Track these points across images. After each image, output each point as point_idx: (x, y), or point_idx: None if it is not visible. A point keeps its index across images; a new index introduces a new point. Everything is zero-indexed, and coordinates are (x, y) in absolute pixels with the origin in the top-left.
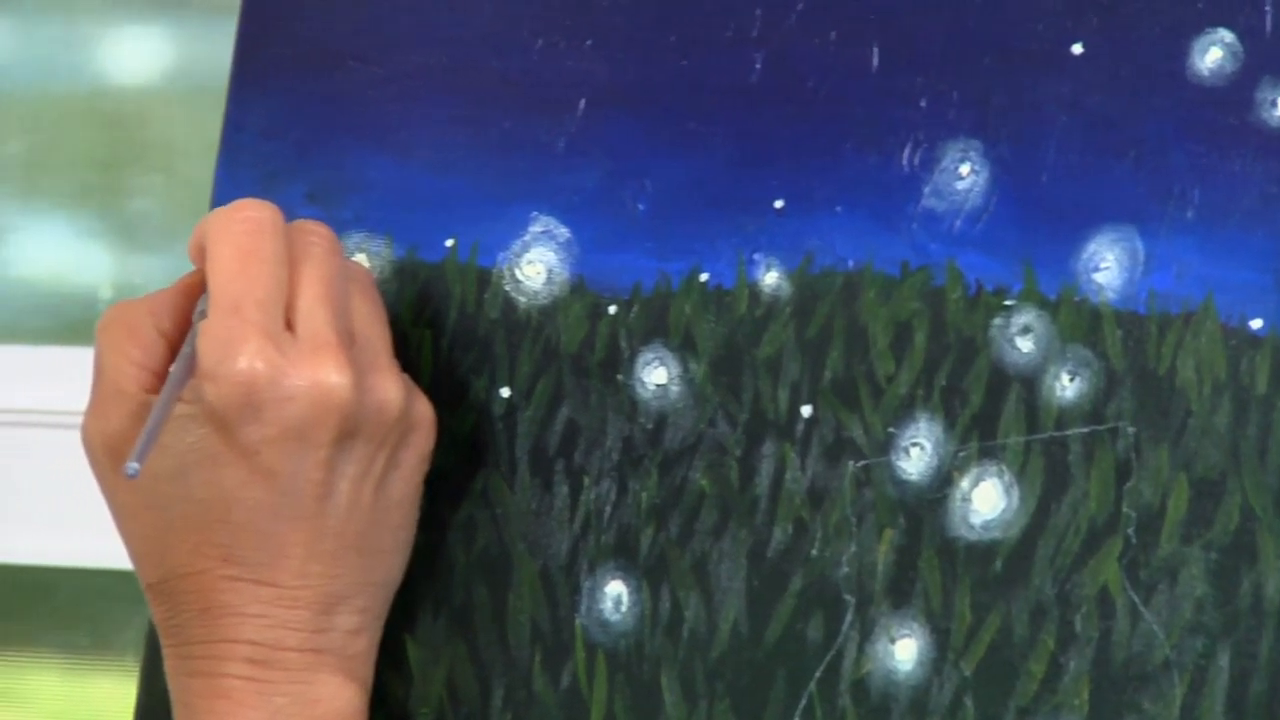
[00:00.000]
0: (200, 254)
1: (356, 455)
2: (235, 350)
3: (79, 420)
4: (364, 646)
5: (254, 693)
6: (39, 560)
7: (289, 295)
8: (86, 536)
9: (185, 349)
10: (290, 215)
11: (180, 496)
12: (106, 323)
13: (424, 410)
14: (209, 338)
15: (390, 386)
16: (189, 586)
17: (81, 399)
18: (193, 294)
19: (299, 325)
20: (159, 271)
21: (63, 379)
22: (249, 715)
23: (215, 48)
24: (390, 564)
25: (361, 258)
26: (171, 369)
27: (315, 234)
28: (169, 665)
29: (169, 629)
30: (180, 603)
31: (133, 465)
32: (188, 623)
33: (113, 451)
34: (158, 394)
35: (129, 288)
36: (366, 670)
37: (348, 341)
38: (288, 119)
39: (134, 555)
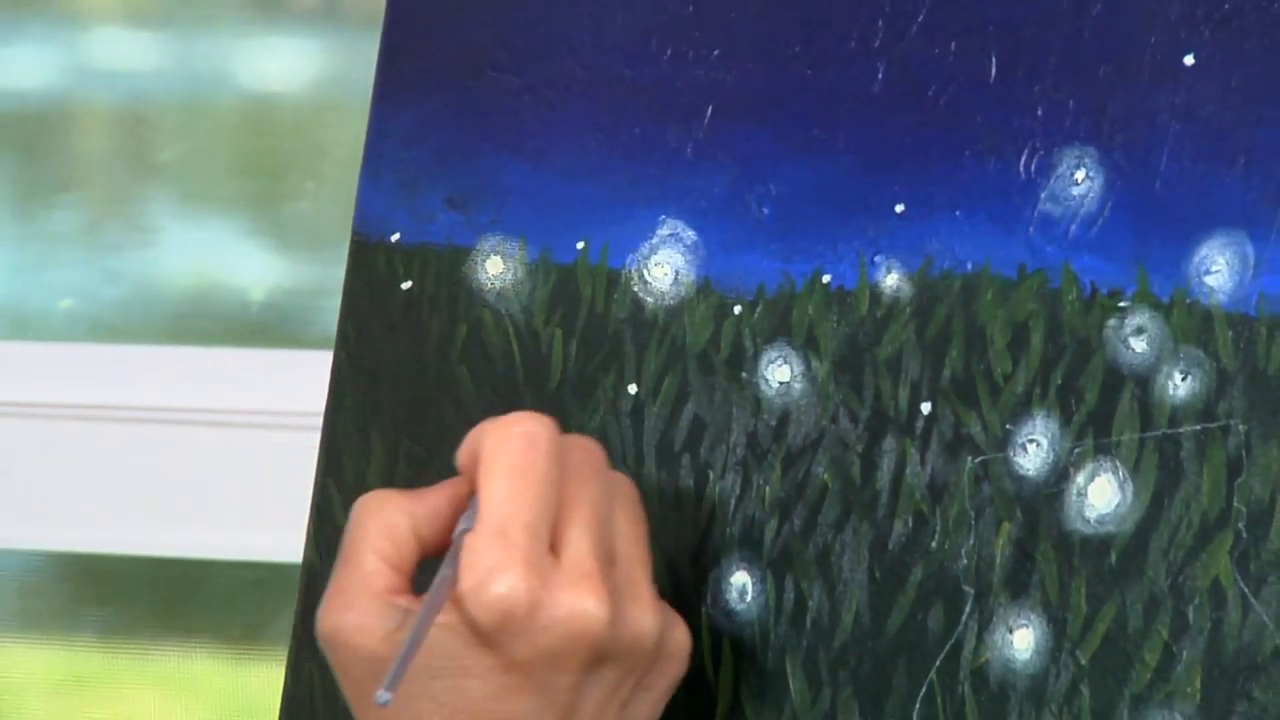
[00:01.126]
0: (472, 462)
1: (606, 680)
2: (497, 575)
3: (231, 419)
4: None
5: None
6: (194, 554)
7: (557, 516)
8: (238, 531)
9: (445, 570)
10: (430, 220)
11: (424, 695)
12: (363, 514)
13: (680, 639)
14: (473, 557)
15: (647, 618)
16: None
17: (235, 399)
18: (457, 505)
19: (564, 551)
20: (307, 274)
21: (215, 380)
22: None
23: (360, 58)
24: None
25: (497, 259)
26: (433, 585)
27: (586, 450)
28: None
29: None
30: None
31: (385, 695)
32: None
33: (350, 650)
34: (399, 595)
35: (279, 289)
36: None
37: (609, 567)
38: (428, 126)
39: None
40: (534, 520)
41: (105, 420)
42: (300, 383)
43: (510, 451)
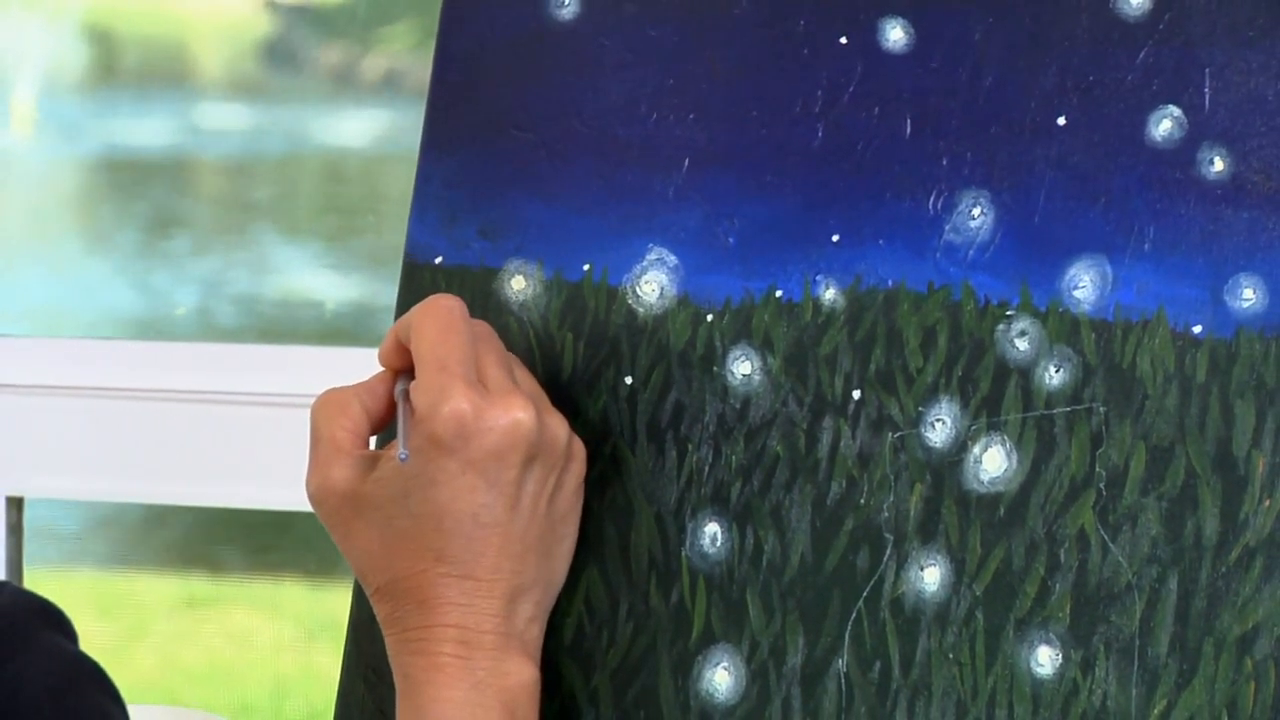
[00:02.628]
0: (393, 354)
1: (536, 475)
2: (446, 396)
3: (311, 402)
4: (537, 633)
5: (461, 667)
6: (281, 506)
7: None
8: None
9: (401, 413)
10: (466, 247)
11: (402, 513)
12: (319, 404)
13: (579, 445)
14: (424, 389)
15: (558, 424)
16: (410, 585)
17: (313, 386)
18: (388, 381)
19: (487, 381)
20: (369, 290)
21: (298, 371)
22: (459, 684)
23: (411, 121)
24: (557, 566)
25: (520, 278)
26: (397, 415)
27: (482, 324)
28: (391, 648)
29: (392, 620)
30: (402, 599)
31: (404, 452)
32: (409, 614)
33: (338, 496)
34: (368, 449)
35: (347, 301)
36: (539, 654)
37: (523, 392)
38: (465, 173)
39: (362, 568)
40: (464, 357)
41: (212, 403)
42: (364, 373)
43: (437, 314)
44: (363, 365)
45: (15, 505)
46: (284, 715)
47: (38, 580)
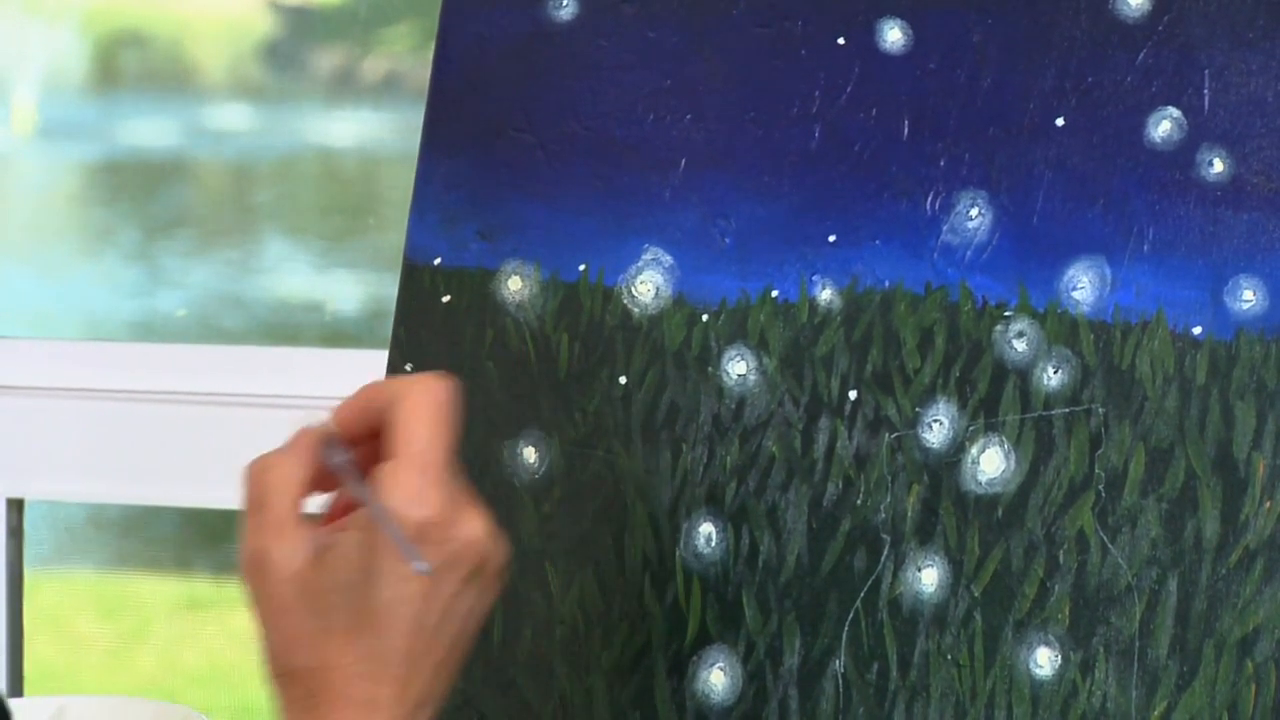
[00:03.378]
0: (355, 419)
1: (473, 591)
2: (422, 501)
3: (310, 404)
4: None
5: None
6: None
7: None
8: None
9: (363, 489)
10: (465, 248)
11: (342, 605)
12: (259, 469)
13: (504, 564)
14: (400, 485)
15: (501, 544)
16: (323, 678)
17: (313, 388)
18: (318, 450)
19: (454, 485)
20: (369, 291)
21: (298, 373)
22: None
23: (411, 123)
24: (449, 682)
25: (517, 279)
26: (367, 499)
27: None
28: None
29: (292, 705)
30: (309, 689)
31: (425, 564)
32: (310, 706)
33: (281, 575)
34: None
35: (348, 302)
36: None
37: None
38: (463, 175)
39: (276, 649)
40: (446, 461)
41: (212, 405)
42: (363, 374)
43: (431, 405)
44: (363, 367)
45: (16, 507)
46: None
47: (38, 582)
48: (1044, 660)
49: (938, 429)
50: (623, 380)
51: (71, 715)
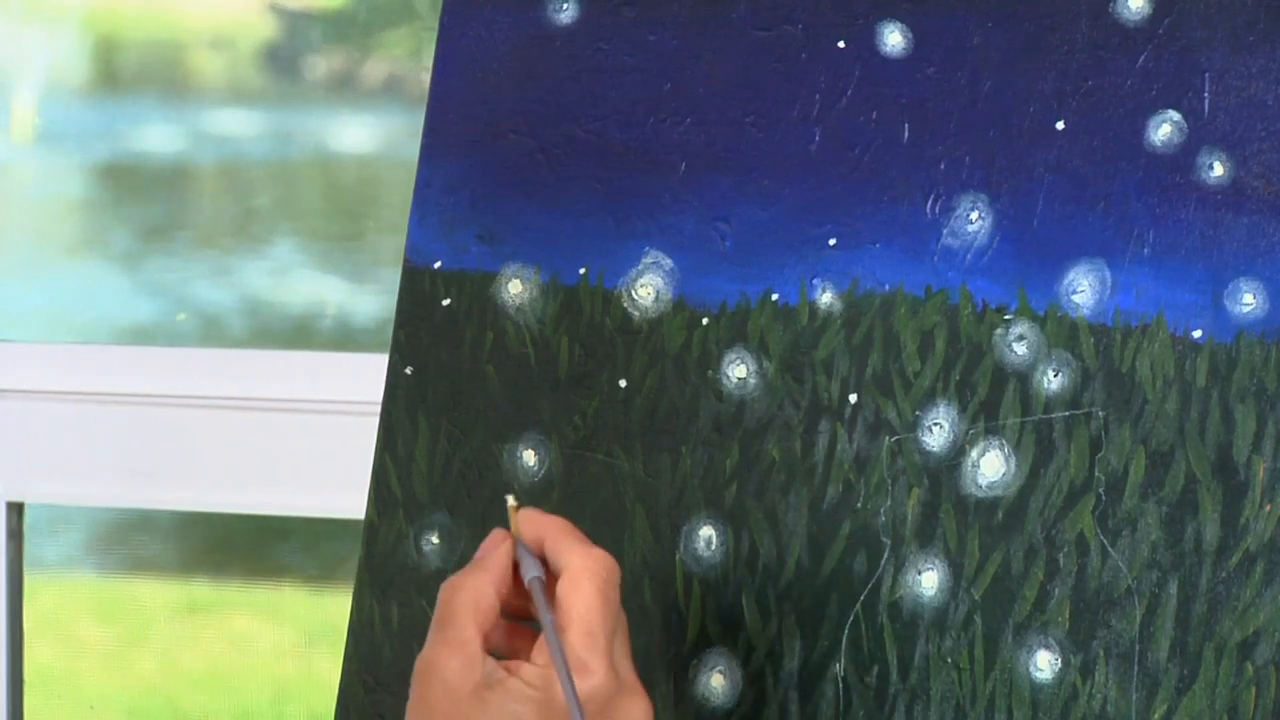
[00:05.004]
0: (543, 537)
1: None
2: (589, 671)
3: (310, 406)
4: None
5: None
6: (282, 511)
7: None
8: (315, 494)
9: (548, 613)
10: (465, 252)
11: None
12: (455, 588)
13: None
14: (568, 649)
15: None
16: None
17: (313, 391)
18: (510, 568)
19: (618, 667)
20: (370, 293)
21: (298, 375)
22: None
23: (411, 126)
24: None
25: (517, 282)
26: (548, 639)
27: (620, 611)
28: None
29: None
30: None
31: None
32: None
33: (451, 689)
34: (486, 657)
35: (348, 305)
36: None
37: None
38: (463, 178)
39: None
40: (611, 631)
41: (213, 409)
42: (363, 378)
43: (601, 573)
44: (360, 369)
45: (16, 510)
46: None
47: (38, 585)
48: (1044, 663)
49: (938, 432)
50: (623, 383)
51: None
